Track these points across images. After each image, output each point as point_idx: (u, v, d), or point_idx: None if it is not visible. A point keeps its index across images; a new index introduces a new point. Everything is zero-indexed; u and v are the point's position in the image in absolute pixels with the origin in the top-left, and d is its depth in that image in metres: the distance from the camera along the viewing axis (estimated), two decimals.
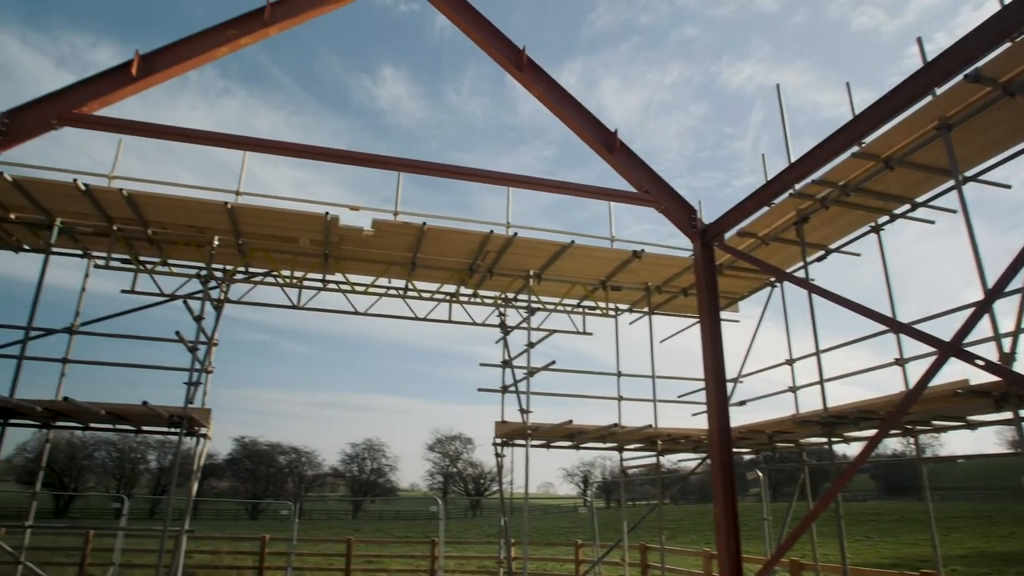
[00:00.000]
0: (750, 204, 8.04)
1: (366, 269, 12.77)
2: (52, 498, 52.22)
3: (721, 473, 7.31)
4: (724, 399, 7.65)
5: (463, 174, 8.15)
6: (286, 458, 69.86)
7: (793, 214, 10.41)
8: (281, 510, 38.78)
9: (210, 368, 11.40)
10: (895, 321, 7.54)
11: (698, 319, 14.13)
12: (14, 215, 10.78)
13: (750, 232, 11.06)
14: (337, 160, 8.16)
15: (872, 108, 5.82)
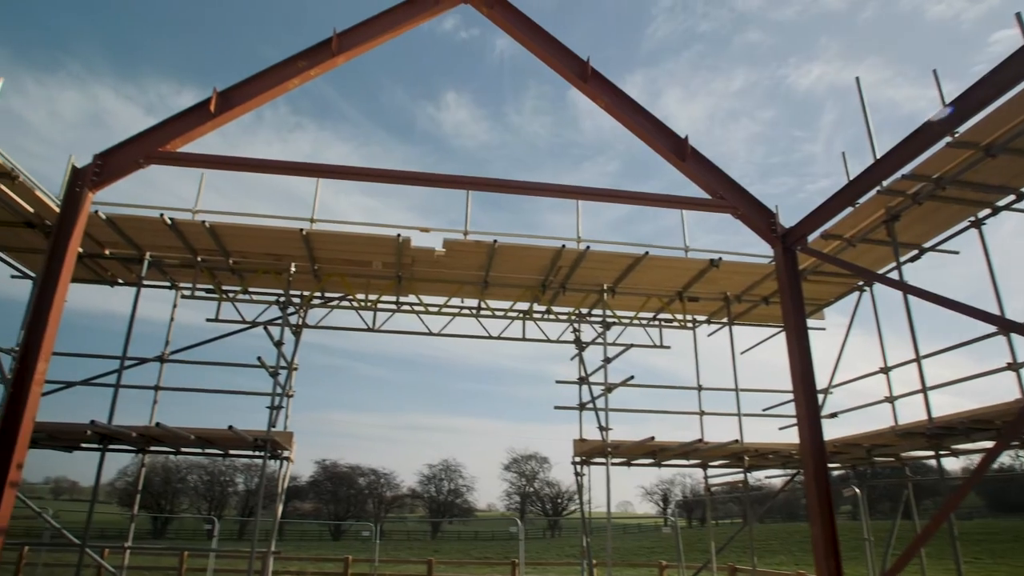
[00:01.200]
0: (834, 204, 7.59)
1: (439, 290, 12.84)
2: (150, 520, 54.97)
3: (817, 490, 6.85)
4: (816, 411, 7.20)
5: (532, 189, 8.07)
6: (365, 480, 71.09)
7: (882, 212, 9.81)
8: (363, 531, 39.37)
9: (291, 392, 11.67)
10: (1009, 321, 6.90)
11: (782, 328, 13.60)
12: (108, 251, 11.41)
13: (834, 234, 10.49)
14: (407, 182, 8.24)
15: (972, 89, 5.37)
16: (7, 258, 11.19)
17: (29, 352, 6.96)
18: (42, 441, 10.22)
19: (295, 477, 67.71)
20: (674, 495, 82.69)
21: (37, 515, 11.12)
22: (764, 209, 8.03)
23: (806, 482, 6.96)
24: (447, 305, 13.09)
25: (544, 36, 8.23)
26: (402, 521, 70.20)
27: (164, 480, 62.37)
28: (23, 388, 6.83)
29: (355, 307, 13.21)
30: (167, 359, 11.68)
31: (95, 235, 10.88)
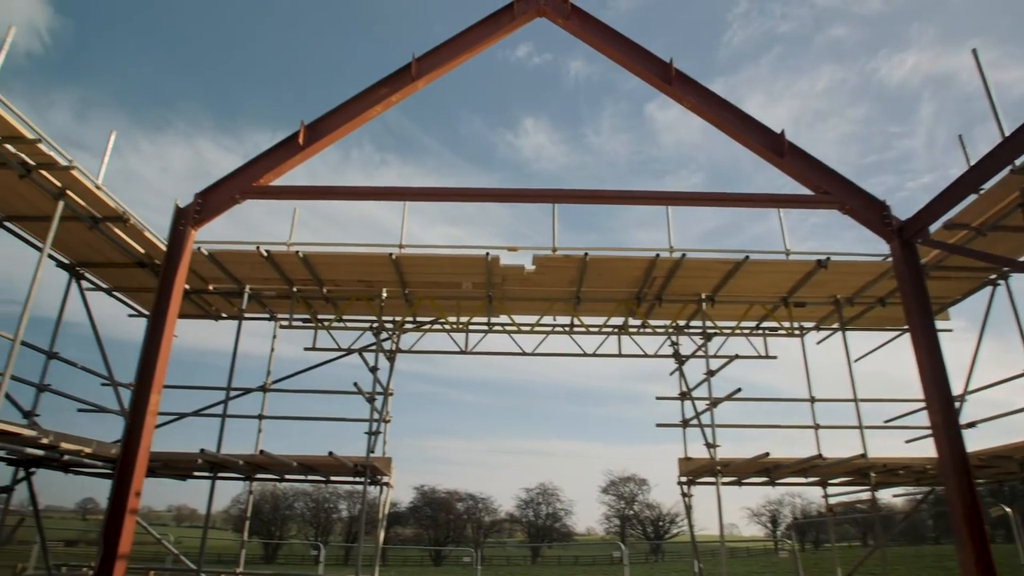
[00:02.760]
0: (959, 189, 6.84)
1: (530, 308, 12.61)
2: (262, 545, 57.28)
3: (964, 508, 6.04)
4: (954, 420, 6.41)
5: (622, 198, 7.75)
6: (463, 505, 71.28)
7: (1016, 195, 8.77)
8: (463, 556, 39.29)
9: (388, 418, 11.70)
10: None
11: (902, 331, 12.49)
12: (212, 286, 11.90)
13: (960, 223, 9.50)
14: (492, 199, 8.08)
15: None
16: (124, 298, 11.87)
17: (142, 385, 7.21)
18: (158, 470, 10.65)
19: (395, 503, 68.82)
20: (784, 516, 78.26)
21: (157, 541, 11.58)
22: (875, 201, 7.36)
23: (948, 500, 6.18)
24: (539, 324, 12.83)
25: (623, 41, 7.96)
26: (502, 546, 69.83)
27: (273, 507, 64.91)
28: (138, 419, 7.06)
29: (447, 329, 13.17)
30: (269, 388, 11.99)
31: (199, 271, 11.36)
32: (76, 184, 8.33)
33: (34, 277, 7.95)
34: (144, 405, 7.12)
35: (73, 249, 10.16)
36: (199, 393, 12.07)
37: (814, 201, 7.49)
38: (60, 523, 53.47)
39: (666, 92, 8.01)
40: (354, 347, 12.62)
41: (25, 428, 7.73)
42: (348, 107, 8.35)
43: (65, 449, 8.57)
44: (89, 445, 9.10)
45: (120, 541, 6.88)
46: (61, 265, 10.48)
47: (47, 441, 8.10)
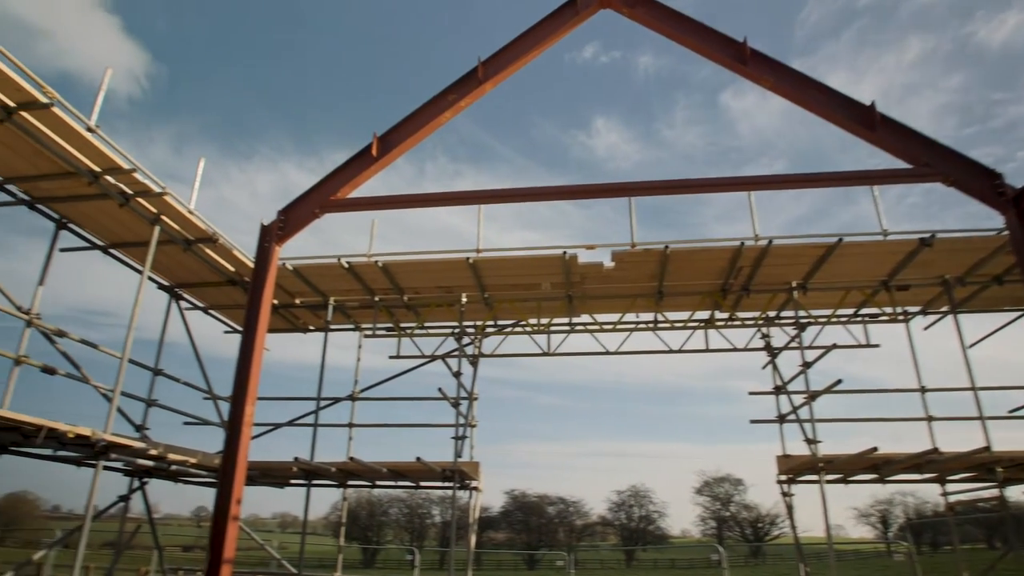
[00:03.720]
0: None
1: (611, 306, 12.35)
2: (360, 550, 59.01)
3: None
4: None
5: (699, 186, 7.43)
6: (554, 508, 71.04)
7: None
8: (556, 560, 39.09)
9: (473, 422, 11.72)
10: None
11: (1022, 311, 11.42)
12: (299, 300, 12.30)
13: None
14: (567, 196, 7.94)
15: None
16: (219, 315, 12.47)
17: (238, 397, 7.48)
18: (257, 479, 11.08)
19: (487, 508, 69.39)
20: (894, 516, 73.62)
21: (260, 546, 12.05)
22: (984, 170, 6.69)
23: None
24: (621, 322, 12.54)
25: (692, 25, 7.65)
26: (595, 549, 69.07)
27: (369, 513, 66.83)
28: (235, 430, 7.32)
29: (529, 331, 13.09)
30: (357, 397, 12.26)
31: (286, 286, 11.76)
32: (170, 209, 8.78)
33: (136, 298, 8.42)
34: (240, 417, 7.38)
35: (171, 271, 10.74)
36: (292, 404, 12.53)
37: (914, 175, 6.92)
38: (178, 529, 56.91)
39: (742, 73, 7.64)
40: (437, 353, 12.74)
41: (136, 441, 8.19)
42: (418, 116, 8.41)
43: (172, 460, 9.03)
44: (194, 456, 9.56)
45: (224, 546, 7.14)
46: (162, 287, 11.11)
47: (156, 452, 8.56)
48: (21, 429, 6.75)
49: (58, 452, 7.95)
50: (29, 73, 6.74)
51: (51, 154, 7.48)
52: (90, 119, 7.74)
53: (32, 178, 8.01)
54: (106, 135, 7.74)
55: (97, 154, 7.66)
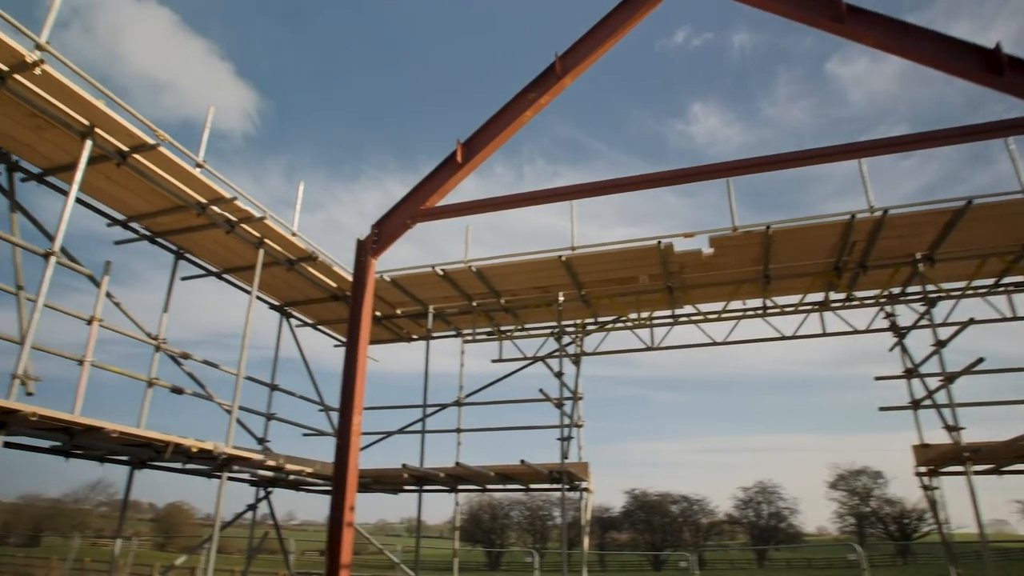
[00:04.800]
0: None
1: (715, 295, 11.78)
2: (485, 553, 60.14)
3: None
4: None
5: (802, 159, 6.84)
6: (678, 507, 69.13)
7: None
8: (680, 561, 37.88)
9: (580, 422, 11.53)
10: None
11: None
12: (400, 310, 12.63)
13: None
14: (661, 183, 7.54)
15: None
16: (327, 330, 13.03)
17: (345, 408, 7.72)
18: (371, 486, 11.44)
19: (608, 508, 68.71)
20: None
21: (380, 551, 12.43)
22: None
23: None
24: (726, 310, 11.94)
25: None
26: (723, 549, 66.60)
27: (491, 516, 67.94)
28: (345, 440, 7.56)
29: (630, 326, 12.75)
30: (463, 403, 12.40)
31: (386, 297, 12.10)
32: (271, 232, 9.25)
33: (247, 318, 8.93)
34: (348, 427, 7.60)
35: (279, 291, 11.33)
36: (403, 412, 12.86)
37: None
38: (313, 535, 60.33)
39: (842, 34, 7.01)
40: (539, 355, 12.67)
41: (256, 453, 8.67)
42: (499, 118, 8.35)
43: (290, 470, 9.50)
44: (311, 466, 10.01)
45: (341, 552, 7.37)
46: (272, 307, 11.75)
47: (274, 463, 9.02)
48: (153, 445, 7.30)
49: (187, 465, 8.56)
50: (141, 119, 7.31)
51: (164, 191, 8.08)
52: (198, 156, 8.33)
53: (150, 214, 8.70)
54: (213, 169, 8.32)
55: (203, 187, 8.20)
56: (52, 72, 6.29)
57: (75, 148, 7.02)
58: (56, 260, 6.47)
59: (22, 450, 7.17)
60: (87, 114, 6.86)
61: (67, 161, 7.42)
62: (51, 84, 6.44)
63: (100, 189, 8.16)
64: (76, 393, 7.29)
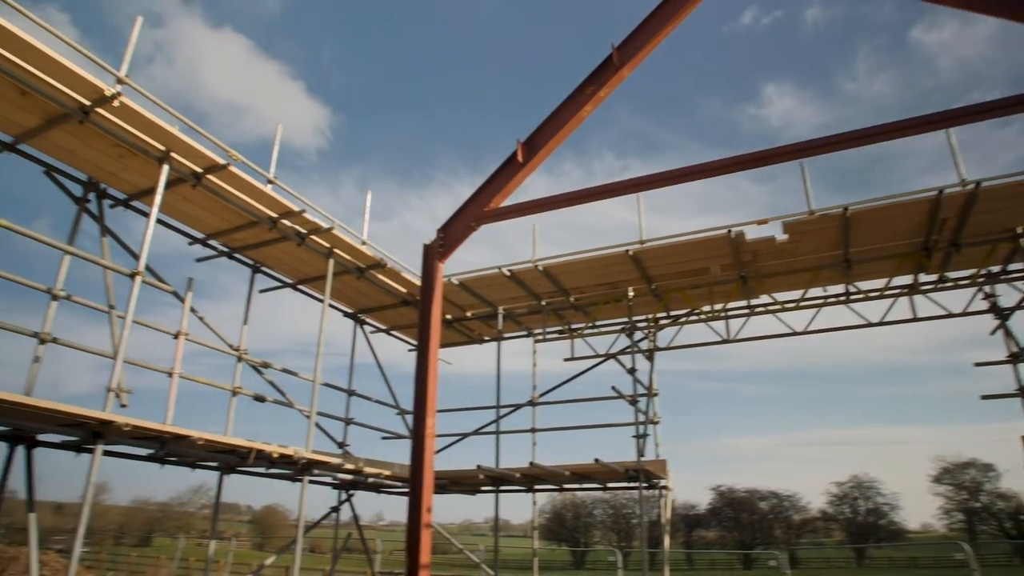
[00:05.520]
0: None
1: (792, 283, 11.28)
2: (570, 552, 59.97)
3: None
4: None
5: (878, 134, 6.44)
6: (767, 504, 66.74)
7: None
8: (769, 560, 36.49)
9: (656, 419, 11.28)
10: None
11: None
12: (470, 312, 12.73)
13: None
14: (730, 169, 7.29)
15: None
16: (399, 335, 13.29)
17: (419, 410, 7.85)
18: (448, 487, 11.57)
19: (693, 505, 67.18)
20: None
21: (460, 550, 12.57)
22: None
23: None
24: (806, 298, 11.41)
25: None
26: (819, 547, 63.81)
27: (574, 515, 67.70)
28: (419, 442, 7.68)
29: (704, 319, 12.38)
30: (537, 403, 12.36)
31: (456, 300, 12.22)
32: (340, 242, 9.52)
33: (320, 326, 9.21)
34: (422, 429, 7.72)
35: (352, 299, 11.64)
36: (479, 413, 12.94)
37: None
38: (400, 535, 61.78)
39: None
40: (611, 352, 12.48)
41: (334, 457, 8.92)
42: (558, 115, 8.31)
43: (369, 473, 9.73)
44: (390, 468, 10.22)
45: (420, 552, 7.49)
46: (346, 314, 12.08)
47: (352, 467, 9.26)
48: (237, 451, 7.64)
49: (270, 470, 8.91)
50: (214, 140, 7.67)
51: (237, 208, 8.44)
52: (269, 172, 8.68)
53: (227, 231, 9.11)
54: (285, 185, 8.67)
55: (273, 202, 8.52)
56: (129, 103, 6.68)
57: (154, 173, 7.43)
58: (142, 279, 6.86)
59: (120, 458, 7.66)
60: (163, 140, 7.24)
61: (148, 186, 7.87)
62: (129, 114, 6.84)
63: (179, 210, 8.61)
64: (167, 403, 7.73)
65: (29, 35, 5.86)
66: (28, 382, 6.89)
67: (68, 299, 7.34)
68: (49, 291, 7.18)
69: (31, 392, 6.70)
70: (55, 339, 7.13)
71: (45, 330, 7.08)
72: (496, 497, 11.35)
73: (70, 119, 6.75)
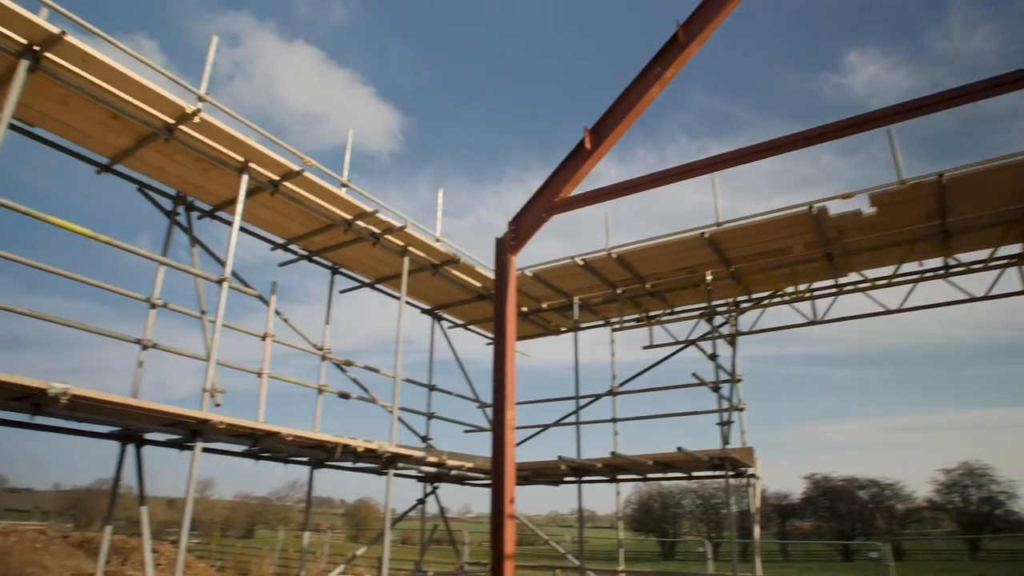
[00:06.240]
0: None
1: (883, 258, 10.64)
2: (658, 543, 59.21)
3: None
4: None
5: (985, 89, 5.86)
6: (866, 492, 63.61)
7: None
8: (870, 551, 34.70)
9: (740, 405, 10.92)
10: None
11: None
12: (545, 304, 12.70)
13: None
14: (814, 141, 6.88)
15: None
16: (477, 329, 13.43)
17: (498, 403, 7.89)
18: (531, 478, 11.61)
19: (786, 495, 64.92)
20: None
21: (545, 541, 12.60)
22: None
23: None
24: (899, 274, 10.74)
25: None
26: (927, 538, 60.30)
27: (662, 505, 66.79)
28: (500, 434, 7.73)
29: (788, 300, 11.87)
30: (616, 392, 12.21)
31: (531, 292, 12.22)
32: (413, 239, 9.69)
33: (398, 323, 9.42)
34: (502, 421, 7.76)
35: (428, 295, 11.85)
36: (555, 405, 12.96)
37: None
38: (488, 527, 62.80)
39: None
40: (691, 338, 12.17)
41: (417, 450, 9.12)
42: (625, 99, 8.13)
43: (451, 465, 9.88)
44: (472, 461, 10.35)
45: (504, 543, 7.55)
46: (423, 311, 12.31)
47: (435, 460, 9.44)
48: (325, 446, 7.92)
49: (356, 464, 9.20)
50: (288, 148, 7.97)
51: (314, 212, 8.74)
52: (343, 176, 8.94)
53: (306, 235, 9.46)
54: (358, 187, 8.91)
55: (347, 204, 8.76)
56: (209, 119, 7.02)
57: (235, 183, 7.79)
58: (229, 285, 7.21)
59: (219, 454, 8.10)
60: (241, 151, 7.58)
61: (230, 196, 8.25)
62: (209, 129, 7.19)
63: (260, 217, 9.00)
64: (258, 402, 8.11)
65: (119, 63, 6.26)
66: (134, 385, 7.41)
67: (165, 307, 7.84)
68: (148, 300, 7.68)
69: (136, 394, 7.19)
70: (155, 344, 7.63)
71: (146, 337, 7.58)
72: (579, 488, 11.32)
73: (157, 137, 7.16)
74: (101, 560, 7.01)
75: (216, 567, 27.02)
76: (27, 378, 5.05)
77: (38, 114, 6.87)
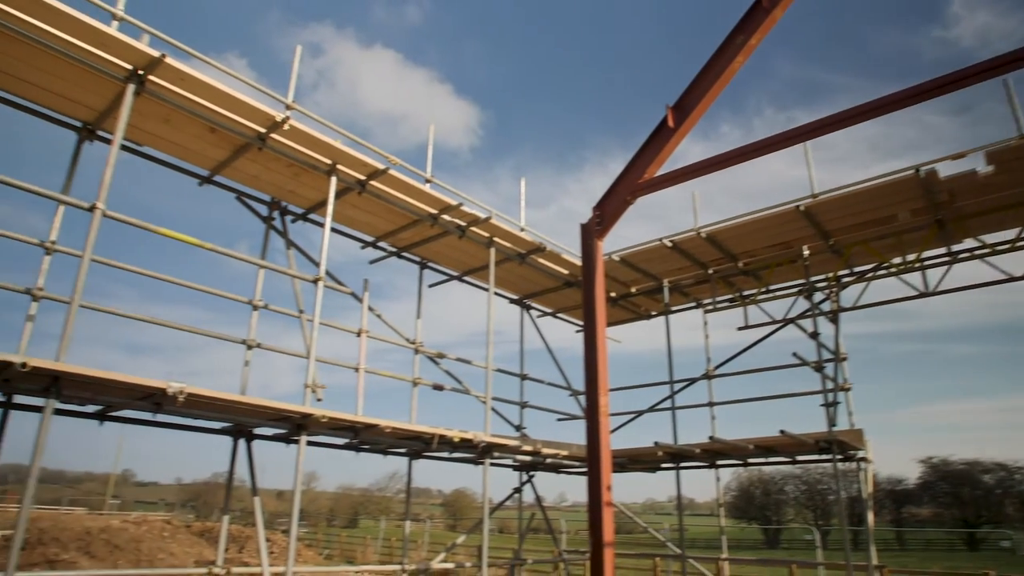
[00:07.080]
0: None
1: (1003, 221, 9.73)
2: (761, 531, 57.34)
3: None
4: None
5: None
6: (992, 477, 58.98)
7: None
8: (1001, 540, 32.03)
9: (846, 385, 10.35)
10: None
11: None
12: (634, 288, 12.47)
13: None
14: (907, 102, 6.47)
15: None
16: (566, 317, 13.37)
17: (591, 390, 7.85)
18: (627, 465, 11.45)
19: (900, 480, 61.27)
20: None
21: (644, 529, 12.43)
22: None
23: None
24: (1022, 237, 9.83)
25: None
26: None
27: (764, 492, 64.56)
28: (594, 421, 7.69)
29: (895, 272, 11.11)
30: (712, 375, 11.85)
31: (618, 277, 12.02)
32: (498, 230, 9.74)
33: (488, 314, 9.50)
34: (595, 408, 7.72)
35: (516, 285, 11.89)
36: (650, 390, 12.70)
37: None
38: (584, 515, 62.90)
39: None
40: (789, 316, 11.63)
41: (512, 439, 9.19)
42: (708, 71, 7.89)
43: (546, 454, 9.90)
44: (567, 449, 10.33)
45: (602, 531, 7.51)
46: (512, 301, 12.37)
47: (530, 448, 9.48)
48: (421, 437, 8.11)
49: (453, 454, 9.37)
50: (373, 148, 8.17)
51: (400, 209, 8.93)
52: (426, 172, 9.11)
53: (393, 232, 9.68)
54: (441, 182, 9.07)
55: (432, 199, 8.90)
56: (297, 125, 7.30)
57: (324, 186, 8.07)
58: (323, 284, 7.48)
59: (322, 447, 8.46)
60: (329, 154, 7.83)
61: (321, 198, 8.56)
62: (298, 135, 7.47)
63: (350, 217, 9.29)
64: (356, 396, 8.40)
65: (214, 79, 6.61)
66: (242, 383, 7.84)
67: (266, 308, 8.24)
68: (250, 302, 8.10)
69: (244, 392, 7.60)
70: (259, 344, 8.05)
71: (251, 337, 8.00)
72: (677, 474, 11.07)
73: (251, 147, 7.51)
74: (221, 548, 7.47)
75: (323, 555, 28.37)
76: (149, 379, 5.42)
77: (144, 133, 7.35)
